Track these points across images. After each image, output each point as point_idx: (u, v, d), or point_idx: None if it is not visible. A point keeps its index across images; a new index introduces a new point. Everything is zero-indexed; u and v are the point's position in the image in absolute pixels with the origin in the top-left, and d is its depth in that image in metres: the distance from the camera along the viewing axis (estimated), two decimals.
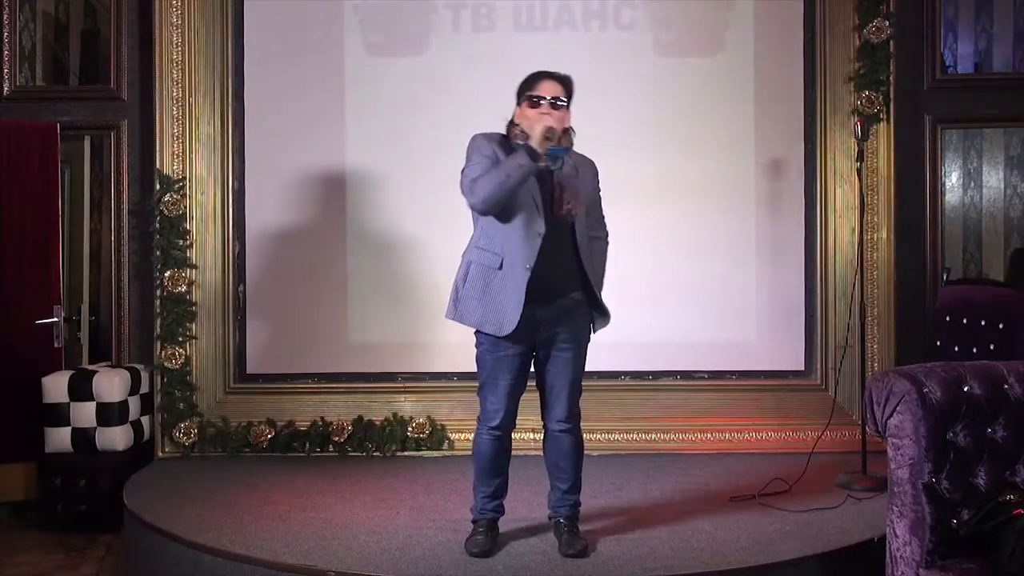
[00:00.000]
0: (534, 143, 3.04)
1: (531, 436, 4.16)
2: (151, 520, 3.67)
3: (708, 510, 3.77)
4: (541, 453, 3.44)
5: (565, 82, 3.21)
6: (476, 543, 3.25)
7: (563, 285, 3.19)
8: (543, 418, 3.34)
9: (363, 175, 4.92)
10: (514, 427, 3.30)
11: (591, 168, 3.38)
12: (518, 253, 3.11)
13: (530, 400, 3.39)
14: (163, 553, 3.54)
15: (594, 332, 3.34)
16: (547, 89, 3.16)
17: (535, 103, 3.15)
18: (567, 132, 3.21)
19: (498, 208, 3.10)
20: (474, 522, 3.34)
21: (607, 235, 3.45)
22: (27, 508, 4.65)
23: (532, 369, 3.30)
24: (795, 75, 4.91)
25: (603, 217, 3.43)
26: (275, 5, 4.94)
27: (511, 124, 3.22)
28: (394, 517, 3.73)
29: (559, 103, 3.15)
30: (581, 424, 3.40)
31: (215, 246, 4.87)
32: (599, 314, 3.31)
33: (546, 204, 3.14)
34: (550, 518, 3.39)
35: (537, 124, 3.06)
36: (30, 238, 4.79)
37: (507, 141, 3.20)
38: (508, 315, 3.11)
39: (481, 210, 3.15)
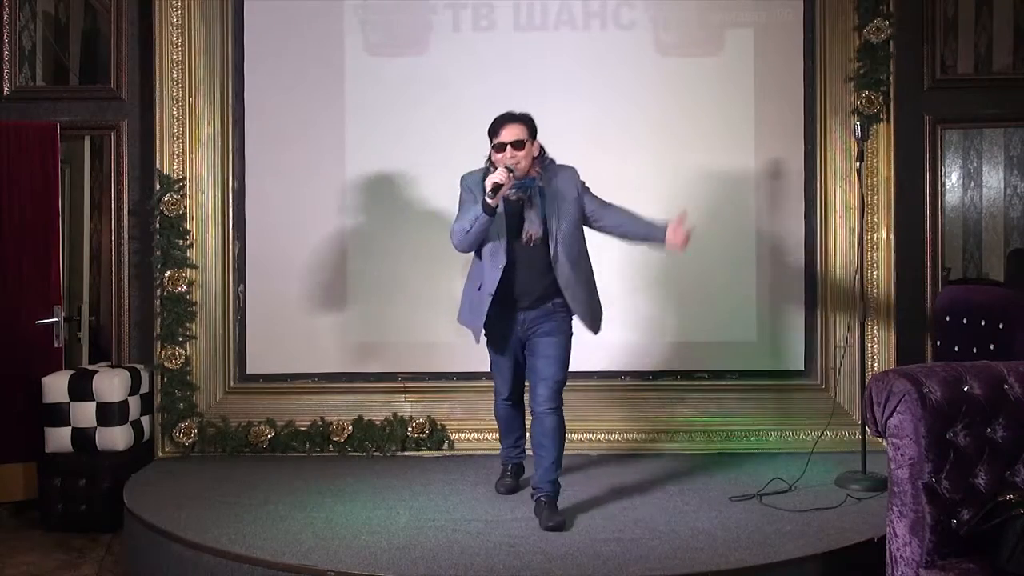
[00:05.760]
0: (486, 196, 3.48)
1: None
2: (151, 520, 3.68)
3: (708, 510, 3.78)
4: None
5: (525, 120, 3.60)
6: (504, 484, 4.07)
7: (538, 297, 3.66)
8: (531, 403, 3.74)
9: (363, 175, 4.92)
10: (520, 396, 4.00)
11: (570, 178, 3.70)
12: (487, 281, 3.64)
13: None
14: (163, 553, 3.54)
15: (594, 332, 3.79)
16: (508, 134, 3.56)
17: (499, 148, 3.57)
18: (536, 160, 3.62)
19: (471, 248, 3.69)
20: (503, 466, 4.13)
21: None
22: (27, 508, 4.66)
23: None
24: (795, 75, 4.91)
25: (603, 202, 3.75)
26: (275, 5, 4.95)
27: (489, 162, 3.64)
28: (394, 517, 3.73)
29: (520, 143, 3.55)
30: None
31: (215, 246, 4.88)
32: (582, 315, 3.72)
33: (512, 236, 3.61)
34: (532, 495, 3.71)
35: (487, 180, 3.48)
36: (30, 238, 4.79)
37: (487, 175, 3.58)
38: (478, 325, 3.71)
39: (460, 251, 3.72)
